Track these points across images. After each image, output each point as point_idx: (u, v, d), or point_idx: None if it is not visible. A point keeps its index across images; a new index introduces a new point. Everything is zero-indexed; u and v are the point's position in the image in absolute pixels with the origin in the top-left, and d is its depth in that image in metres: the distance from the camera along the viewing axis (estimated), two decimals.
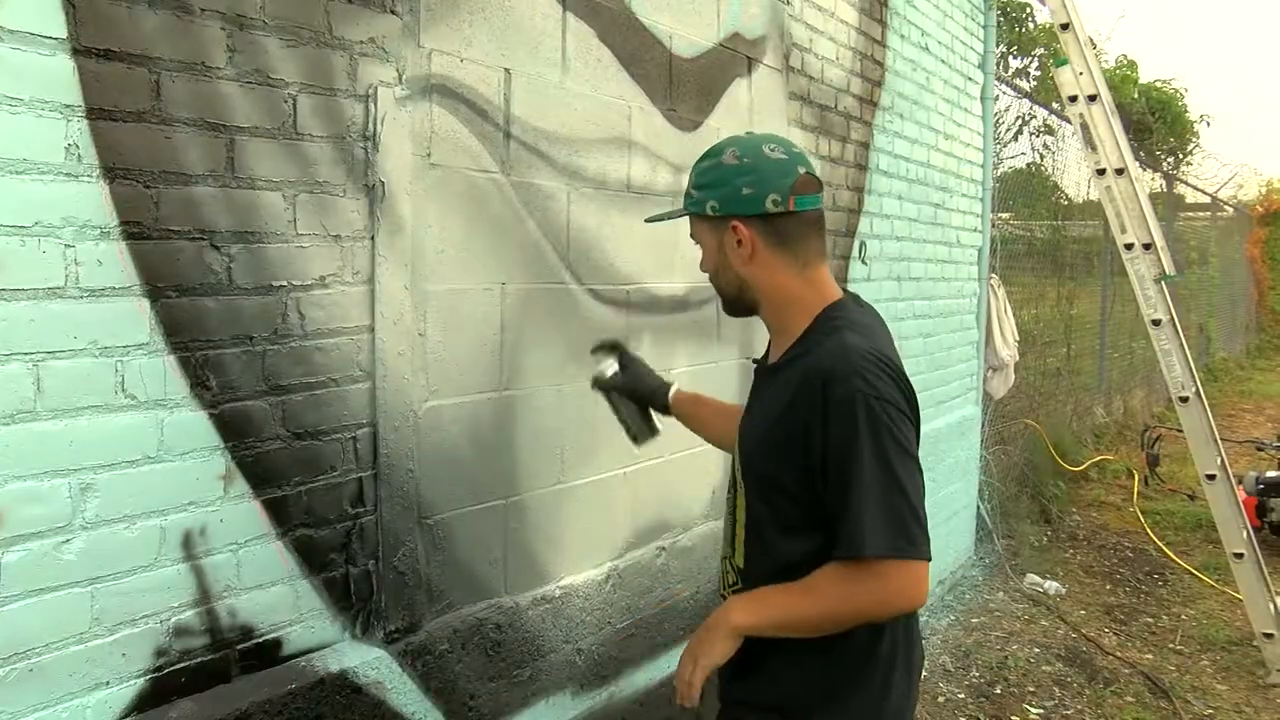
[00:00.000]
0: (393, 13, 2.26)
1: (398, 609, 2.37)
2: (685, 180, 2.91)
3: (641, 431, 2.46)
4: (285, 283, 2.07)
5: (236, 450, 2.00)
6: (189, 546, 1.94)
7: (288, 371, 2.09)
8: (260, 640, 2.08)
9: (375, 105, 2.22)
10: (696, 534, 3.43)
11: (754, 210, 1.84)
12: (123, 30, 1.76)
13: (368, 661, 2.28)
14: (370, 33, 2.21)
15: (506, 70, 2.57)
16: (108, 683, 1.83)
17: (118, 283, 1.79)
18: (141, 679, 1.88)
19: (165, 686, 1.92)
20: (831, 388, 1.71)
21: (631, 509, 3.12)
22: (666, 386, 2.43)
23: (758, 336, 3.61)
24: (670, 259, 3.19)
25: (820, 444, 1.72)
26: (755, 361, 2.09)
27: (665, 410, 2.43)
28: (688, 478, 3.37)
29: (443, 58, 2.39)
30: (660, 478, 3.23)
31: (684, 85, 3.21)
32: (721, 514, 3.50)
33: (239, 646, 2.04)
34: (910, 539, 1.69)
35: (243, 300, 1.99)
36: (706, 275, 2.00)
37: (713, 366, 3.43)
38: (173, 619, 1.92)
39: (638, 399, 2.42)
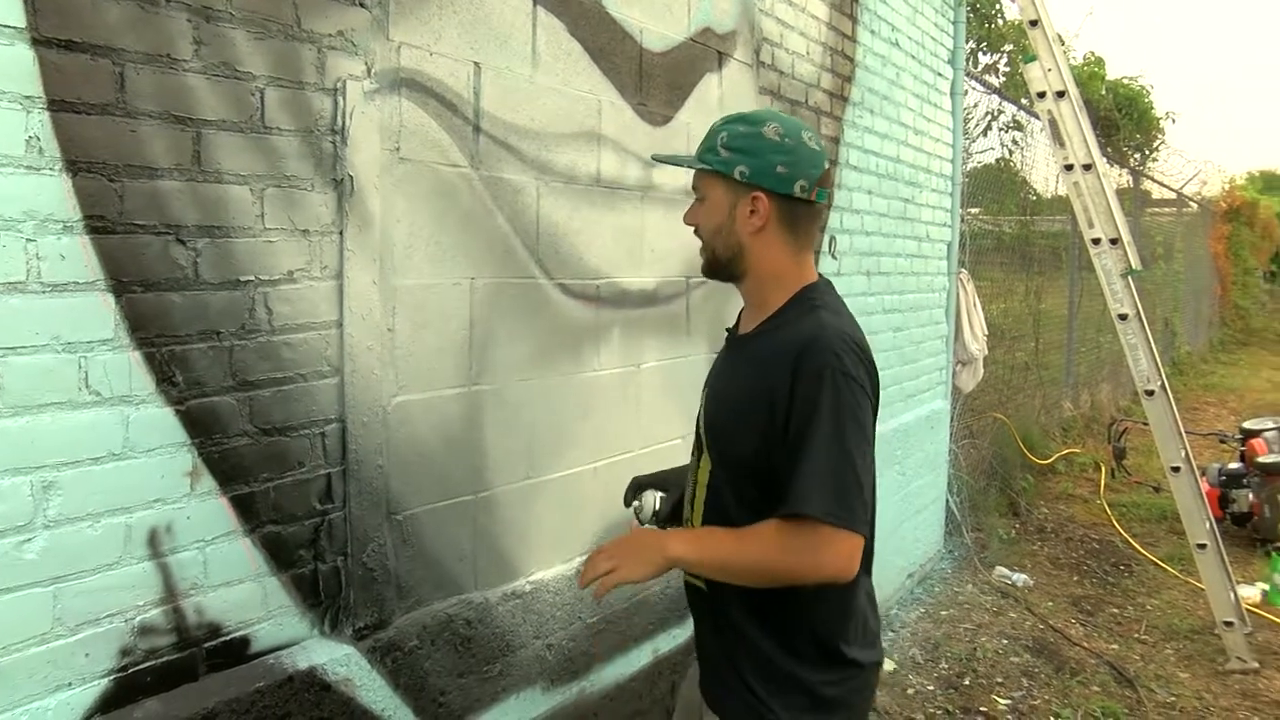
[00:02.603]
0: (361, 6, 2.24)
1: (366, 605, 2.35)
2: (655, 175, 2.91)
3: None
4: (253, 278, 2.05)
5: (203, 446, 1.98)
6: (155, 544, 1.92)
7: (255, 367, 2.07)
8: (227, 638, 2.07)
9: (344, 99, 2.20)
10: None
11: (781, 189, 1.93)
12: (85, 20, 1.73)
13: (336, 659, 2.27)
14: (339, 26, 2.19)
15: (476, 64, 2.55)
16: (70, 684, 1.81)
17: (81, 278, 1.76)
18: (105, 679, 1.86)
19: (130, 686, 1.90)
20: (803, 360, 1.81)
21: (602, 503, 3.12)
22: None
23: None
24: (640, 253, 3.19)
25: (785, 410, 1.81)
26: (729, 330, 2.16)
27: None
28: None
29: (412, 51, 2.37)
30: (630, 472, 3.20)
31: (654, 79, 3.20)
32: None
33: (206, 645, 2.03)
34: (849, 510, 1.76)
35: (210, 295, 1.97)
36: (693, 227, 2.05)
37: (682, 361, 3.42)
38: (138, 618, 1.90)
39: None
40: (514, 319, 2.74)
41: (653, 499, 2.27)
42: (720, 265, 2.02)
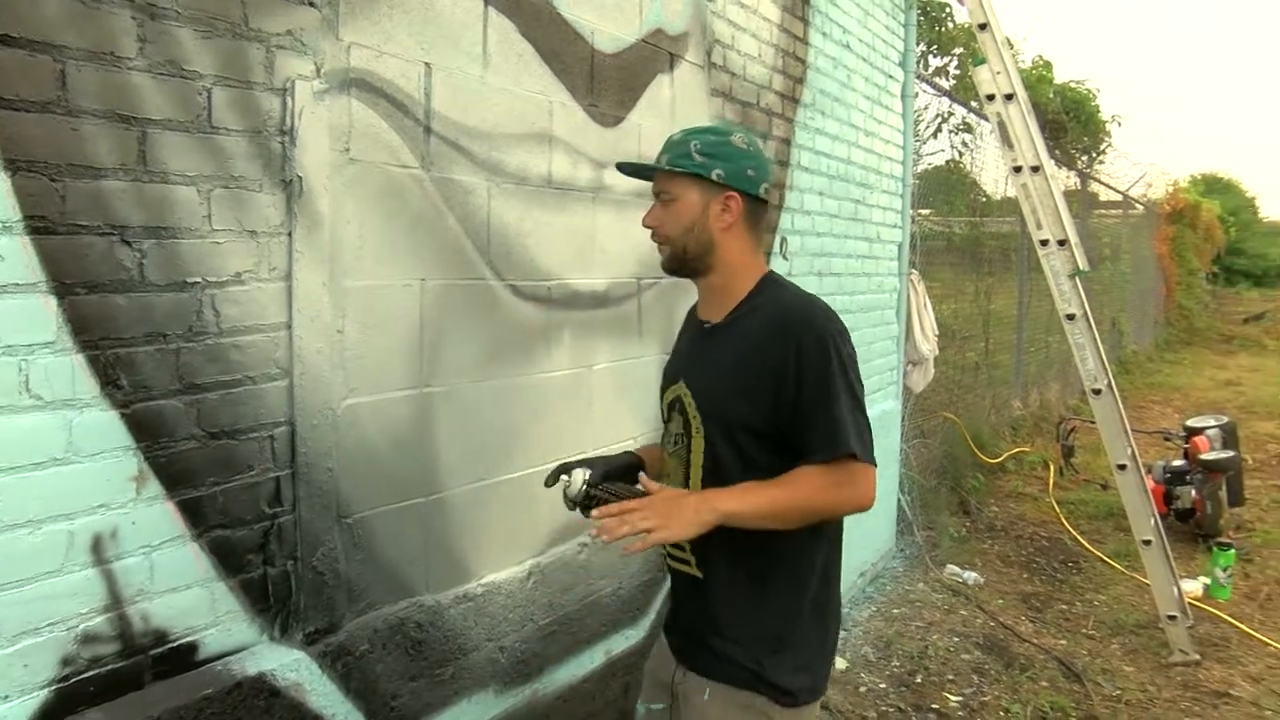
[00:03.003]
0: (311, 5, 2.22)
1: (317, 609, 2.33)
2: (606, 176, 2.91)
3: None
4: (200, 279, 2.03)
5: (150, 451, 1.96)
6: (98, 551, 1.89)
7: (203, 370, 2.05)
8: (174, 645, 2.04)
9: (293, 99, 2.18)
10: None
11: (751, 190, 2.17)
12: (22, 15, 1.70)
13: (286, 664, 2.24)
14: (287, 25, 2.17)
15: (427, 64, 2.54)
16: (6, 696, 1.77)
17: (22, 279, 1.73)
18: (45, 690, 1.83)
19: (72, 697, 1.87)
20: (806, 330, 2.05)
21: (554, 505, 3.09)
22: (632, 454, 2.41)
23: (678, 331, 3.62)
24: (591, 254, 3.18)
25: (795, 378, 2.01)
26: (699, 322, 2.30)
27: (642, 469, 2.35)
28: None
29: (362, 51, 2.35)
30: None
31: (606, 81, 3.20)
32: None
33: (152, 652, 2.00)
34: (869, 449, 2.03)
35: (156, 297, 1.95)
36: (654, 228, 2.20)
37: (634, 361, 3.43)
38: (80, 626, 1.87)
39: (620, 477, 2.27)
40: (465, 320, 2.73)
41: (581, 474, 2.21)
42: (687, 260, 2.19)
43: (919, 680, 4.77)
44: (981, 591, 6.07)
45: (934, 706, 4.50)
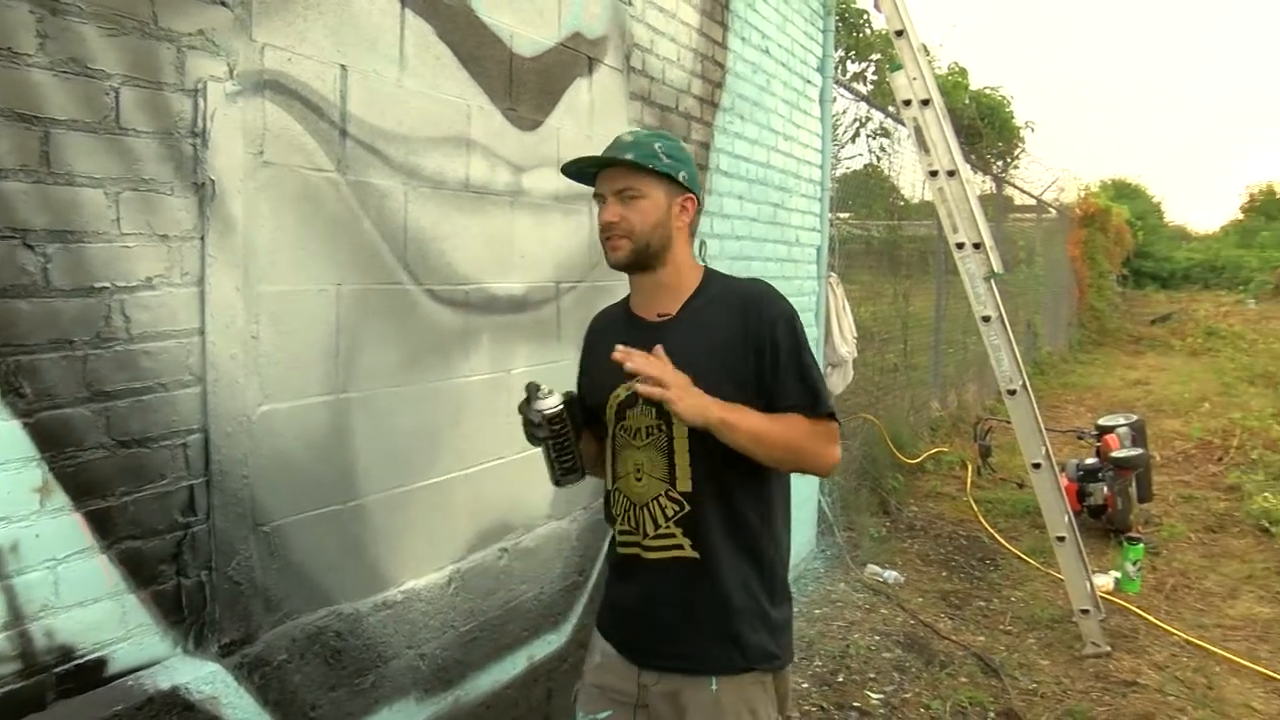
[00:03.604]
0: (223, 4, 2.18)
1: (233, 620, 2.29)
2: (524, 180, 2.90)
3: (574, 467, 2.31)
4: (108, 284, 1.98)
5: (55, 461, 1.90)
6: None
7: (112, 377, 2.00)
8: (81, 661, 1.98)
9: (204, 100, 2.14)
10: (539, 535, 3.42)
11: (699, 193, 2.36)
12: None
13: (201, 676, 2.20)
14: (199, 24, 2.13)
15: (342, 66, 2.51)
16: None
17: None
18: None
19: None
20: (770, 310, 2.24)
21: (473, 511, 3.10)
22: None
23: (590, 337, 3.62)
24: (509, 258, 3.17)
25: (770, 350, 2.19)
26: (640, 317, 2.38)
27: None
28: (529, 478, 3.35)
29: (276, 52, 2.32)
30: (502, 479, 3.20)
31: (524, 84, 3.19)
32: (565, 514, 3.51)
33: (56, 670, 1.94)
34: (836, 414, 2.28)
35: (61, 302, 1.90)
36: (614, 222, 2.24)
37: (553, 365, 3.42)
38: None
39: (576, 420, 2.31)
40: (382, 325, 2.70)
41: (561, 394, 2.25)
42: (649, 255, 2.27)
43: (841, 679, 4.82)
44: (902, 590, 6.15)
45: (856, 705, 4.55)
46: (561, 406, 2.21)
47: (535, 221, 3.26)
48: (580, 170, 2.34)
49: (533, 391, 2.22)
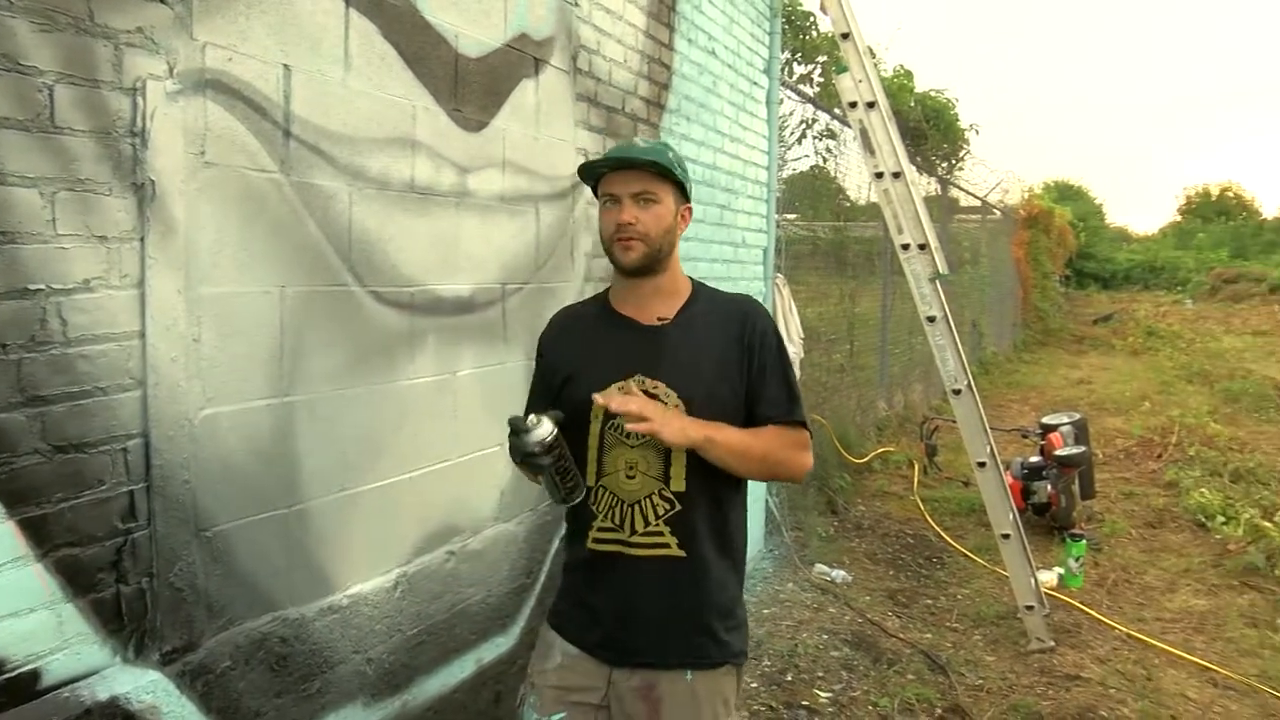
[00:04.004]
0: (162, 2, 2.15)
1: (174, 627, 2.26)
2: (470, 181, 2.89)
3: (578, 482, 2.26)
4: (44, 286, 1.94)
5: None
6: None
7: (48, 381, 1.96)
8: (14, 674, 1.93)
9: (144, 99, 2.11)
10: (486, 537, 3.40)
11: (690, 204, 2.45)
12: None
13: (142, 685, 2.17)
14: (137, 22, 2.10)
15: (286, 66, 2.48)
16: None
17: None
18: None
19: None
20: (762, 321, 2.39)
21: (419, 514, 3.07)
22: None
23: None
24: (454, 260, 3.15)
25: (759, 358, 2.34)
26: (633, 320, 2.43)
27: None
28: (476, 481, 3.34)
29: (217, 51, 2.29)
30: (448, 481, 3.18)
31: (470, 85, 3.18)
32: (512, 516, 3.49)
33: None
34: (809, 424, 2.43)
35: None
36: (638, 223, 2.29)
37: (499, 368, 3.41)
38: None
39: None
40: (326, 328, 2.68)
41: (552, 420, 2.16)
42: (657, 260, 2.34)
43: (789, 678, 4.84)
44: (849, 589, 6.19)
45: (804, 704, 4.58)
46: (556, 429, 2.15)
47: (481, 223, 3.25)
48: (590, 171, 2.41)
49: (518, 425, 2.14)
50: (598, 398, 2.15)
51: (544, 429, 2.13)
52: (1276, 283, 32.97)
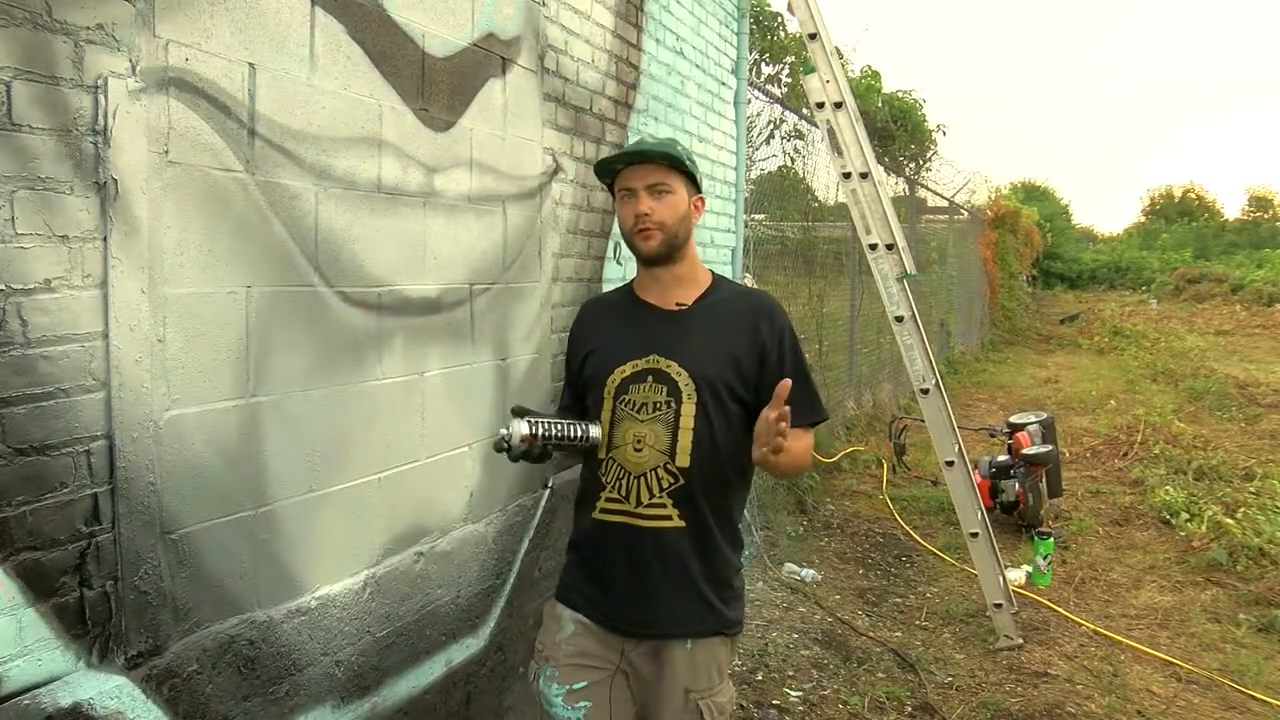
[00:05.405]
0: None
1: (140, 631, 2.23)
2: (437, 181, 2.89)
3: (584, 434, 2.51)
4: (3, 286, 1.91)
5: None
6: None
7: (8, 382, 1.94)
8: None
9: (105, 97, 2.08)
10: (455, 538, 3.39)
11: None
12: None
13: (106, 691, 2.14)
14: (98, 18, 2.07)
15: (251, 65, 2.46)
16: None
17: None
18: None
19: None
20: (780, 319, 2.59)
21: (388, 515, 3.06)
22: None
23: (511, 336, 3.61)
24: (422, 260, 3.14)
25: (777, 353, 2.53)
26: (655, 305, 2.65)
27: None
28: (445, 481, 3.33)
29: (181, 49, 2.27)
30: (416, 482, 3.17)
31: (437, 84, 3.16)
32: (481, 516, 3.48)
33: None
34: None
35: None
36: (654, 213, 2.51)
37: (467, 369, 3.39)
38: None
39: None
40: (293, 328, 2.66)
41: (518, 424, 2.42)
42: (675, 248, 2.54)
43: (760, 678, 4.85)
44: (819, 588, 6.21)
45: (775, 703, 4.59)
46: (525, 420, 2.41)
47: (448, 223, 3.23)
48: (602, 168, 2.64)
49: (499, 446, 2.44)
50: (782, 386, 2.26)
51: (515, 431, 2.40)
52: (1238, 283, 33.40)
